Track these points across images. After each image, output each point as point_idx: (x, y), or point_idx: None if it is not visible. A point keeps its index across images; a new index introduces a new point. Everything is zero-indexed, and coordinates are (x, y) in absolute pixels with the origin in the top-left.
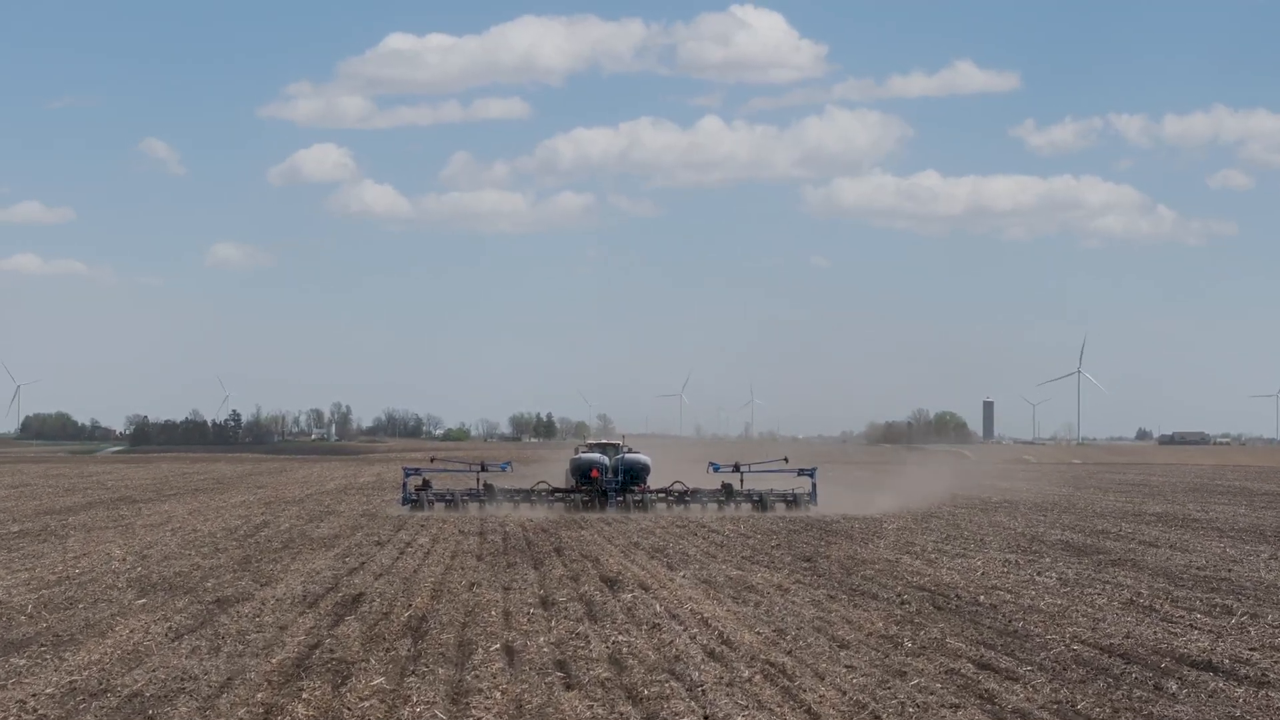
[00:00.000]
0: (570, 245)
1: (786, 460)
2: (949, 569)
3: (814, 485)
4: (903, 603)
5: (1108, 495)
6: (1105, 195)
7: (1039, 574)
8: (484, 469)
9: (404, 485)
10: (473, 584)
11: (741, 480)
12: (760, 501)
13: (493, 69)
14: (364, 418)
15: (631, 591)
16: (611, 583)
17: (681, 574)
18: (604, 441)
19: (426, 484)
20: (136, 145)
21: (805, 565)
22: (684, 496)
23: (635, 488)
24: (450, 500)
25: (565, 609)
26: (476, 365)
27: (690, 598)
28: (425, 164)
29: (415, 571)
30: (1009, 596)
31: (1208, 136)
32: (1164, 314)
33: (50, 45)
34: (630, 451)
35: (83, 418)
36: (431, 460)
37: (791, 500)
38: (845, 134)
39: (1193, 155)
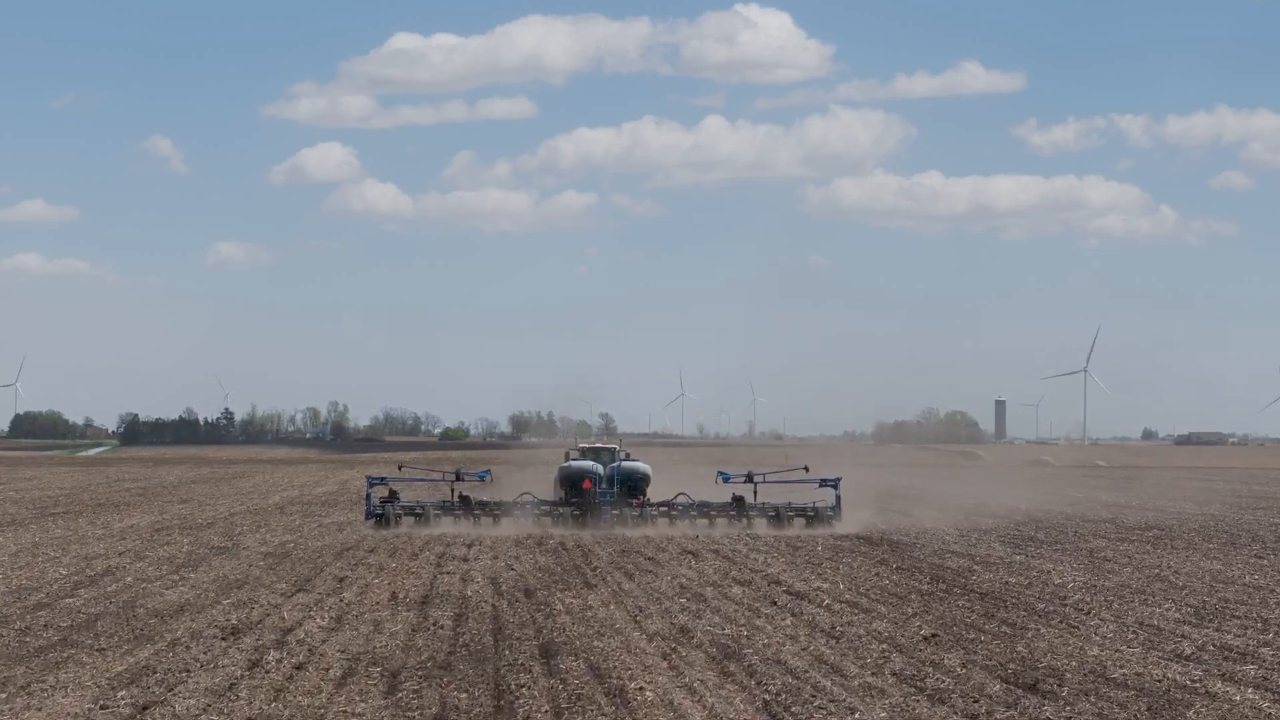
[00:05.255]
0: (572, 244)
1: (807, 469)
2: None
3: (838, 498)
4: None
5: (1254, 514)
6: (1107, 195)
7: None
8: (459, 478)
9: (368, 497)
10: None
11: (755, 492)
12: (777, 517)
13: (496, 68)
14: (362, 417)
15: None
16: None
17: None
18: (598, 446)
19: (393, 495)
20: (140, 144)
21: (1036, 704)
22: (690, 511)
23: (634, 500)
24: (420, 514)
25: None
26: (477, 364)
27: None
28: (428, 163)
29: None
30: None
31: (1210, 137)
32: (1164, 314)
33: (53, 44)
34: (628, 458)
35: (83, 416)
36: (400, 468)
37: (813, 516)
38: (848, 134)
39: (1195, 155)
